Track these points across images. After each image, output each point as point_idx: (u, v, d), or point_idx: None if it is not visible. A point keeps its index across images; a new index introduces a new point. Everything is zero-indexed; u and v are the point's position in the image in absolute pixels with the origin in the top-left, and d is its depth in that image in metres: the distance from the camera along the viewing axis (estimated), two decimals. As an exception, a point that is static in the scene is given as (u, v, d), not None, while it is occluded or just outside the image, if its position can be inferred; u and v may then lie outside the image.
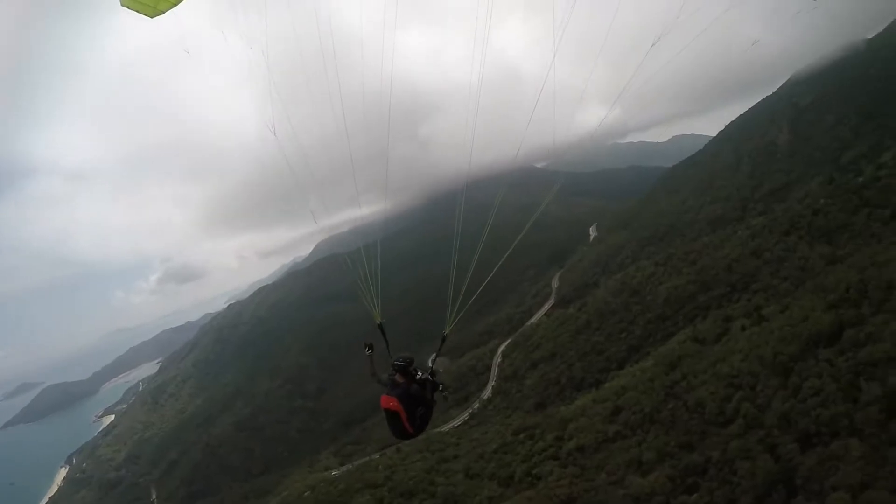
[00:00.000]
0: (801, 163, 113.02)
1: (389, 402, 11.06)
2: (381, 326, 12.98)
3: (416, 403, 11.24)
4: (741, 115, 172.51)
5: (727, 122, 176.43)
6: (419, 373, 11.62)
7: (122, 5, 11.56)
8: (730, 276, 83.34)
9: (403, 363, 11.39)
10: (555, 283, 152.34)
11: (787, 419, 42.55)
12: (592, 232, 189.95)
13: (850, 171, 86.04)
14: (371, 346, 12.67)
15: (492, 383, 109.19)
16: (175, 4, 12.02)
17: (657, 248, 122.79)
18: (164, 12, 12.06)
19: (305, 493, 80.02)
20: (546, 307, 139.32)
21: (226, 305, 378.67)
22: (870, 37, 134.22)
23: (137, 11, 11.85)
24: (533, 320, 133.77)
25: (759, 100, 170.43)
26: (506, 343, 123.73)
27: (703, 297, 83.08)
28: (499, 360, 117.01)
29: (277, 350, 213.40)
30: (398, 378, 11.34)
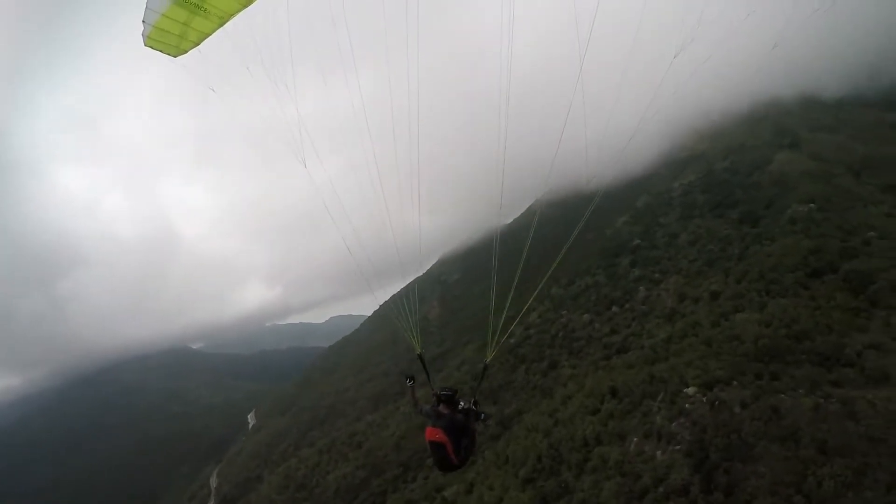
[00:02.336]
0: (452, 333, 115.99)
1: (435, 433, 10.87)
2: (421, 357, 12.61)
3: (460, 433, 10.92)
4: (394, 294, 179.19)
5: (382, 303, 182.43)
6: (462, 402, 11.28)
7: (145, 45, 11.60)
8: (399, 455, 75.22)
9: (449, 393, 11.15)
10: (213, 482, 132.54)
11: None
12: (251, 419, 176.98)
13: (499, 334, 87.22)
14: (413, 378, 12.88)
15: None
16: (197, 44, 11.74)
17: (320, 433, 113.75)
18: (186, 51, 11.82)
19: None
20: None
21: None
22: (507, 222, 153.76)
23: (161, 51, 11.75)
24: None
25: (409, 280, 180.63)
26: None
27: (376, 482, 72.66)
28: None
29: None
30: (442, 409, 11.09)
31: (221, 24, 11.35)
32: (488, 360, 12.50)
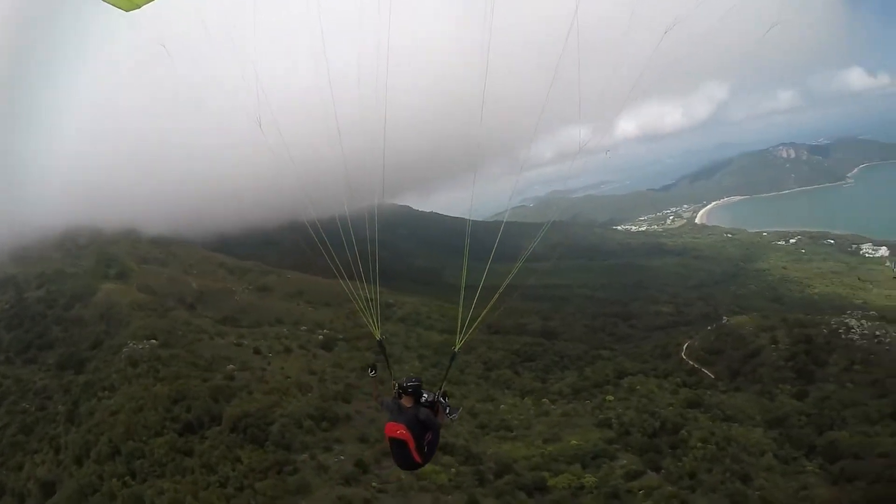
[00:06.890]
0: None
1: (396, 429, 9.55)
2: (381, 344, 11.28)
3: (424, 429, 9.72)
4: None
5: None
6: (426, 394, 10.18)
7: None
8: None
9: (414, 384, 9.88)
10: None
11: None
12: None
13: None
14: (375, 367, 11.72)
15: None
16: None
17: None
18: (140, 6, 10.41)
19: None
20: None
21: None
22: None
23: (113, 4, 10.29)
24: None
25: None
26: None
27: None
28: None
29: None
30: (404, 402, 9.89)
31: None
32: (457, 349, 10.72)
